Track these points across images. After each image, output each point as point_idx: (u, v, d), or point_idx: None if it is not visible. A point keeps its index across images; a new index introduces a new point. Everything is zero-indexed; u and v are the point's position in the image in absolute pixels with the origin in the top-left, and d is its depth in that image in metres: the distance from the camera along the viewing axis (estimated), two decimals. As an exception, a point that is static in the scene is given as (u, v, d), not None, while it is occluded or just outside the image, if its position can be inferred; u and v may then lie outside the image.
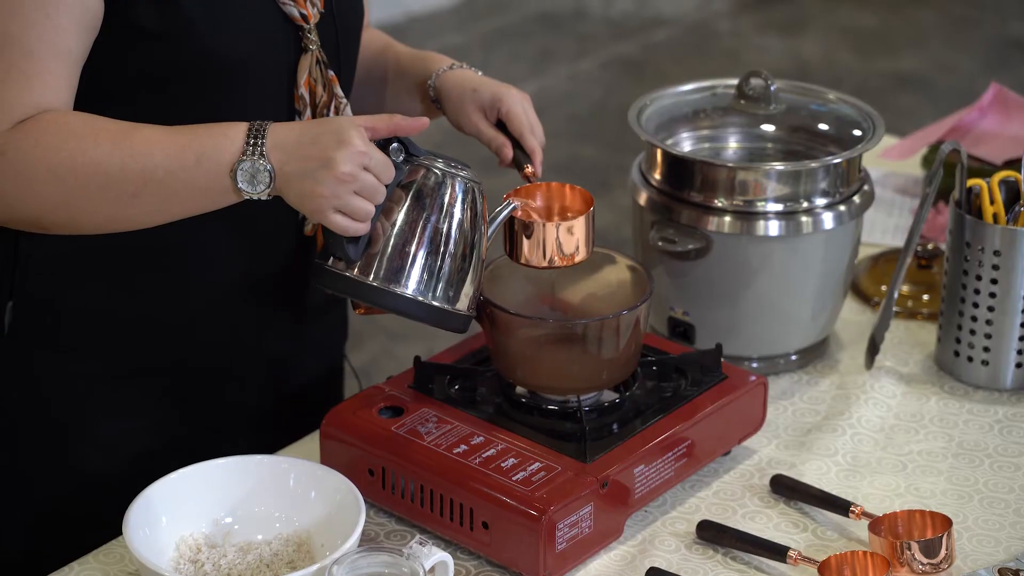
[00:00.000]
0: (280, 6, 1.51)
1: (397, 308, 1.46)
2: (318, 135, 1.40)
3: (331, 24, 1.56)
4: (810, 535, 1.54)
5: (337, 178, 1.38)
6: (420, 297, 1.46)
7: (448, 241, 1.46)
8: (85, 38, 1.42)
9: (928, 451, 1.67)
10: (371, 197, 1.41)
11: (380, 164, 1.41)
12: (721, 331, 1.74)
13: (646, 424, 1.55)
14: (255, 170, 1.39)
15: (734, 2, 5.44)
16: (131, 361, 1.58)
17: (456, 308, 1.48)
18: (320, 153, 1.39)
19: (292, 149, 1.40)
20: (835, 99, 1.85)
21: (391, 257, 1.45)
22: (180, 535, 1.44)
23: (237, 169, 1.39)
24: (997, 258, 1.72)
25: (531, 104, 1.64)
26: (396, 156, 1.44)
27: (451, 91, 1.65)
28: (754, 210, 1.71)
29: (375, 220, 1.44)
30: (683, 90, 1.86)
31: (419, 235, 1.46)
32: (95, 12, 1.42)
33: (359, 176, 1.39)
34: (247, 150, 1.39)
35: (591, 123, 4.57)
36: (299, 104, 1.53)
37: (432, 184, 1.46)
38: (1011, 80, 4.39)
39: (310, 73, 1.53)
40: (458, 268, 1.47)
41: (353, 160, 1.39)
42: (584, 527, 1.46)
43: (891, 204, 2.17)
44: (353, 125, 1.40)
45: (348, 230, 1.41)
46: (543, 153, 1.63)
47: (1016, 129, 2.17)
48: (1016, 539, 1.53)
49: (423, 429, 1.53)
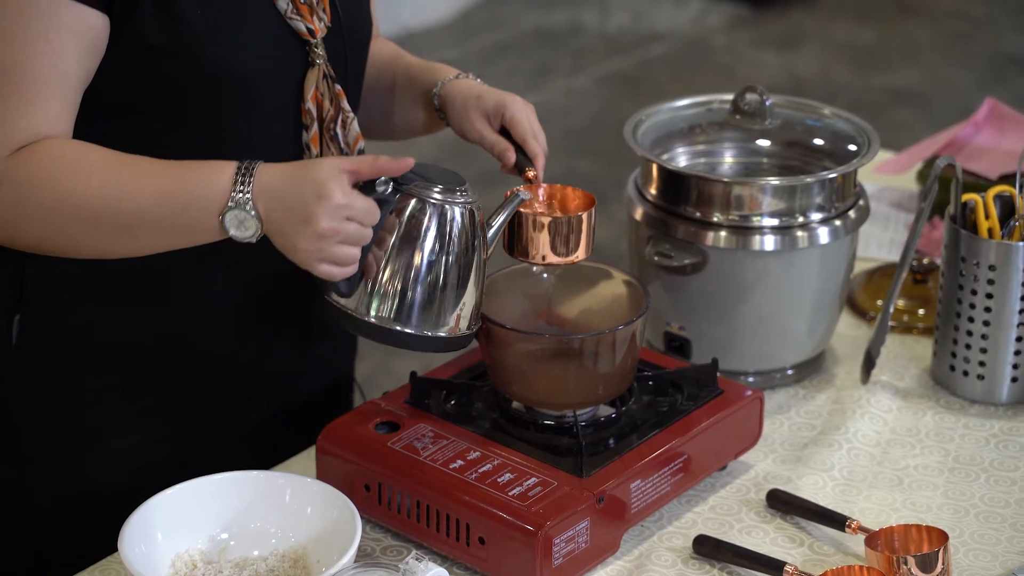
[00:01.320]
0: (287, 21, 1.51)
1: (392, 342, 1.47)
2: (300, 185, 1.39)
3: (339, 38, 1.56)
4: (807, 550, 1.54)
5: (318, 234, 1.39)
6: (414, 330, 1.46)
7: (441, 269, 1.46)
8: (88, 60, 1.42)
9: (924, 465, 1.67)
10: (356, 242, 1.41)
11: (362, 212, 1.40)
12: (717, 346, 1.74)
13: (642, 439, 1.55)
14: (243, 218, 1.40)
15: (729, 17, 5.45)
16: (134, 376, 1.58)
17: (453, 332, 1.49)
18: (301, 207, 1.39)
19: (277, 198, 1.40)
20: (830, 114, 1.85)
21: (384, 292, 1.45)
22: (176, 551, 1.44)
23: (225, 215, 1.40)
24: (992, 272, 1.72)
25: (535, 113, 1.64)
26: (384, 188, 1.43)
27: (455, 98, 1.66)
28: (750, 225, 1.71)
29: (368, 252, 1.44)
30: (679, 105, 1.87)
31: (410, 267, 1.45)
32: (98, 32, 1.42)
33: (341, 229, 1.39)
34: (233, 197, 1.39)
35: (587, 138, 4.57)
36: (306, 118, 1.54)
37: (421, 214, 1.45)
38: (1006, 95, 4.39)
39: (317, 87, 1.53)
40: (453, 294, 1.48)
41: (333, 215, 1.38)
42: (580, 542, 1.46)
43: (886, 219, 2.17)
44: (334, 175, 1.39)
45: (335, 276, 1.42)
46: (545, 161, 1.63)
47: (1011, 144, 2.18)
48: (1012, 553, 1.53)
49: (419, 444, 1.53)
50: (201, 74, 1.46)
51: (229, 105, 1.49)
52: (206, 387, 1.61)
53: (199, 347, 1.59)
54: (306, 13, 1.52)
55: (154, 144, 1.48)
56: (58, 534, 1.61)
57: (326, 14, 1.54)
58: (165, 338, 1.57)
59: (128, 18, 1.43)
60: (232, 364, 1.61)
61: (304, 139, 1.54)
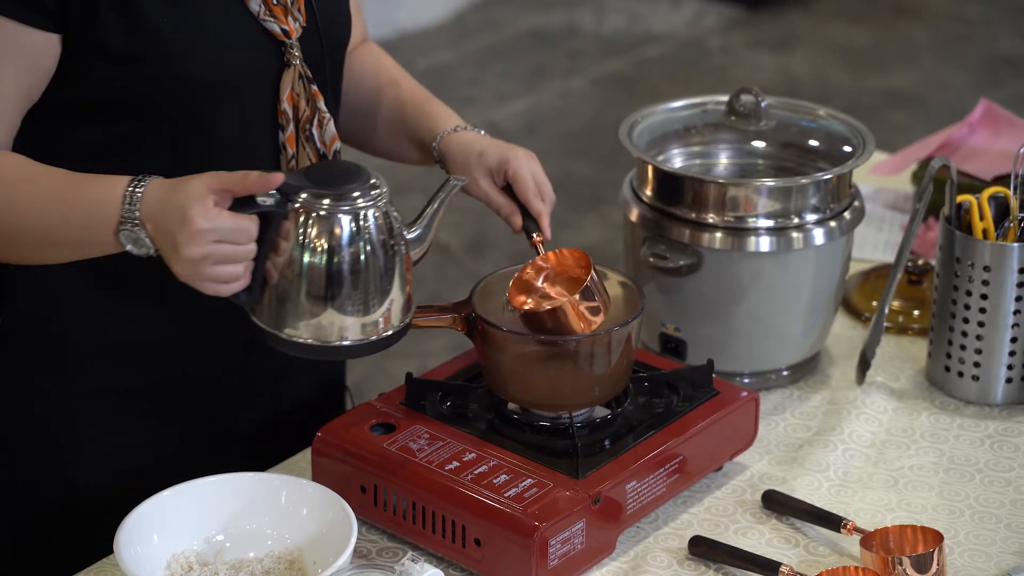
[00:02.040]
0: (260, 22, 1.51)
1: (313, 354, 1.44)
2: (169, 210, 1.37)
3: (315, 38, 1.56)
4: (802, 550, 1.54)
5: (186, 260, 1.37)
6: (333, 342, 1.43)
7: (340, 275, 1.41)
8: (23, 78, 1.43)
9: (919, 466, 1.68)
10: (234, 260, 1.38)
11: (233, 232, 1.37)
12: (712, 347, 1.74)
13: (638, 440, 1.55)
14: (136, 236, 1.40)
15: (725, 19, 5.46)
16: (125, 379, 1.58)
17: (377, 335, 1.45)
18: (170, 233, 1.38)
19: (156, 221, 1.39)
20: (825, 115, 1.85)
21: (286, 302, 1.42)
22: (172, 553, 1.44)
23: (120, 234, 1.40)
24: (987, 273, 1.73)
25: (538, 163, 1.63)
26: (265, 200, 1.39)
27: (456, 155, 1.64)
28: (745, 226, 1.72)
29: (263, 263, 1.41)
30: (674, 107, 1.87)
31: (310, 280, 1.41)
32: (39, 50, 1.42)
33: (210, 252, 1.37)
34: (123, 220, 1.39)
35: (583, 140, 4.57)
36: (282, 119, 1.53)
37: (311, 222, 1.41)
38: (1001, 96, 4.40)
39: (293, 88, 1.53)
40: (364, 298, 1.43)
41: (197, 241, 1.36)
42: (576, 543, 1.46)
43: (881, 220, 2.18)
44: (198, 199, 1.36)
45: (222, 292, 1.40)
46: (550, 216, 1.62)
47: (1005, 145, 2.18)
48: (1007, 554, 1.54)
49: (415, 446, 1.53)
50: (172, 78, 1.46)
51: (204, 107, 1.49)
52: (196, 390, 1.61)
53: (187, 350, 1.59)
54: (280, 14, 1.51)
55: (134, 147, 1.48)
56: (48, 538, 1.61)
57: (301, 14, 1.54)
58: (153, 342, 1.57)
59: (89, 30, 1.43)
60: (222, 366, 1.61)
61: (280, 140, 1.54)
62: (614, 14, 5.48)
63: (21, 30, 1.41)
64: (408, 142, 1.70)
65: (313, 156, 1.56)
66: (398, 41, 5.16)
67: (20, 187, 1.42)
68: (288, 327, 1.43)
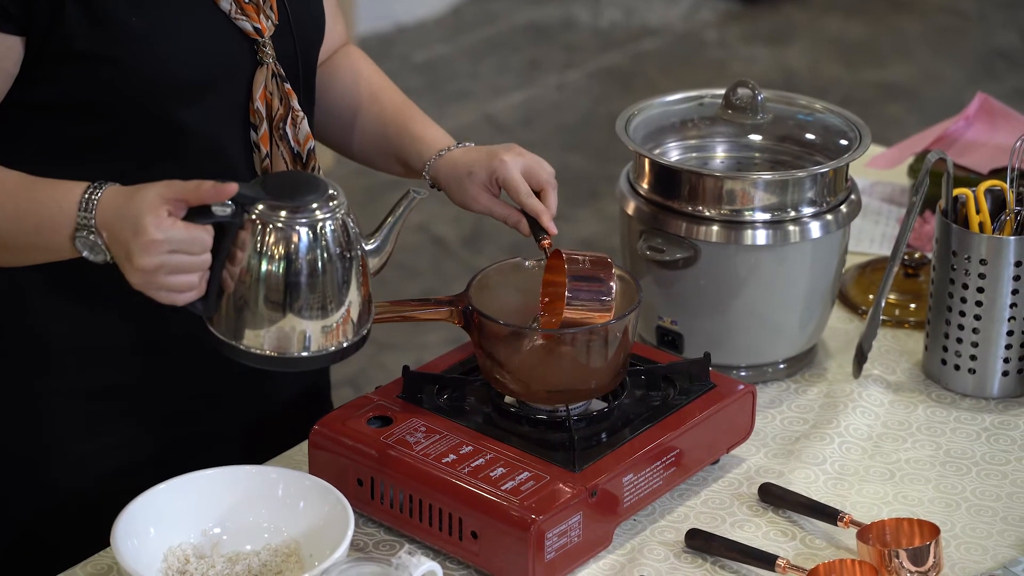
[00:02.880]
0: (232, 21, 1.50)
1: (263, 365, 1.43)
2: (123, 220, 1.37)
3: (288, 37, 1.55)
4: (799, 543, 1.54)
5: (139, 270, 1.36)
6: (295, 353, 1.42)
7: (296, 286, 1.40)
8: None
9: (916, 459, 1.68)
10: (188, 270, 1.37)
11: (186, 242, 1.36)
12: (709, 340, 1.74)
13: (635, 433, 1.55)
14: (92, 243, 1.39)
15: (721, 12, 5.45)
16: (108, 378, 1.57)
17: (336, 345, 1.44)
18: (123, 242, 1.37)
19: (111, 228, 1.38)
20: (822, 109, 1.85)
21: (242, 313, 1.41)
22: (168, 546, 1.44)
23: (75, 240, 1.39)
24: (983, 267, 1.73)
25: (524, 155, 1.61)
26: (221, 210, 1.37)
27: (449, 179, 1.63)
28: (742, 219, 1.72)
29: (219, 273, 1.40)
30: (670, 100, 1.87)
31: (264, 287, 1.40)
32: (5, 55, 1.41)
33: (164, 262, 1.36)
34: (79, 226, 1.38)
35: (579, 133, 4.57)
36: (255, 118, 1.52)
37: (266, 233, 1.40)
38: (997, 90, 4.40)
39: (266, 86, 1.52)
40: (317, 309, 1.42)
41: (149, 252, 1.35)
42: (573, 536, 1.46)
43: (878, 213, 2.18)
44: (151, 209, 1.35)
45: (177, 302, 1.39)
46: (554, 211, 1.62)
47: (1002, 138, 2.18)
48: (1004, 547, 1.54)
49: (412, 439, 1.53)
50: (140, 78, 1.45)
51: (174, 107, 1.47)
52: (181, 388, 1.60)
53: (173, 348, 1.58)
54: (252, 12, 1.50)
55: (109, 144, 1.48)
56: (30, 542, 1.60)
57: (274, 12, 1.53)
58: (131, 342, 1.56)
59: (53, 32, 1.42)
60: (207, 363, 1.60)
61: (253, 138, 1.53)
62: (610, 7, 5.47)
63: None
64: (396, 163, 1.70)
65: (287, 155, 1.55)
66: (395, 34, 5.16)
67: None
68: (244, 338, 1.42)
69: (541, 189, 1.62)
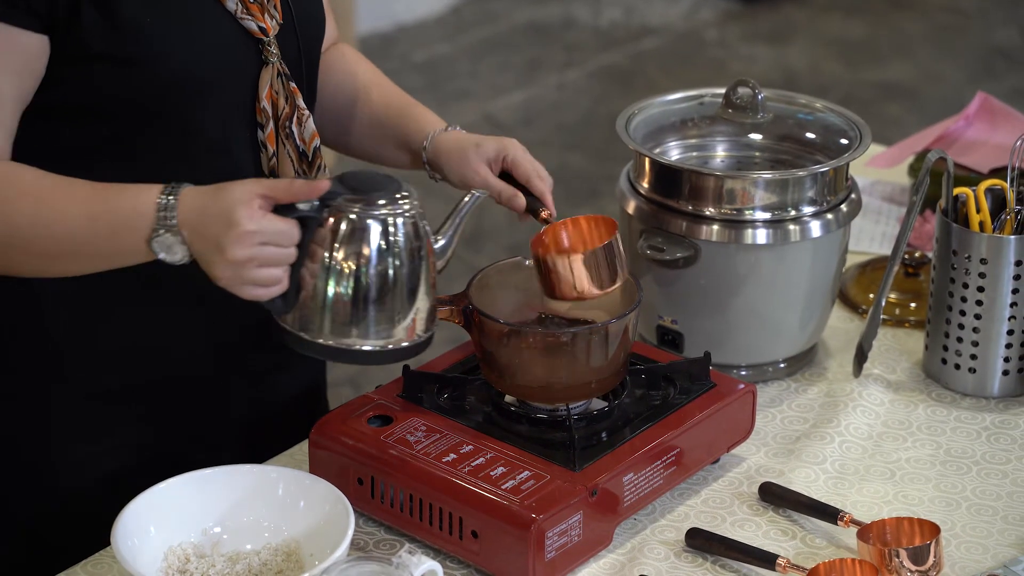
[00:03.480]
0: (238, 20, 1.50)
1: (341, 358, 1.44)
2: (213, 214, 1.38)
3: (292, 35, 1.56)
4: (799, 543, 1.54)
5: (230, 263, 1.37)
6: (360, 346, 1.43)
7: (378, 281, 1.43)
8: (20, 82, 1.42)
9: (916, 458, 1.68)
10: (276, 264, 1.39)
11: (277, 235, 1.38)
12: (710, 339, 1.74)
13: (635, 432, 1.55)
14: (170, 243, 1.39)
15: (721, 12, 5.45)
16: (112, 380, 1.57)
17: (404, 342, 1.45)
18: (213, 236, 1.37)
19: (196, 225, 1.38)
20: (822, 108, 1.85)
21: (319, 308, 1.43)
22: (169, 545, 1.44)
23: (152, 241, 1.39)
24: (983, 266, 1.73)
25: (529, 154, 1.64)
26: (306, 207, 1.40)
27: (452, 150, 1.64)
28: (742, 218, 1.72)
29: (299, 270, 1.41)
30: (671, 99, 1.87)
31: (346, 284, 1.42)
32: (32, 53, 1.42)
33: (255, 255, 1.37)
34: (158, 226, 1.39)
35: (579, 132, 4.57)
36: (261, 117, 1.53)
37: (350, 230, 1.42)
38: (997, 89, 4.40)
39: (271, 86, 1.53)
40: (399, 303, 1.44)
41: (243, 243, 1.36)
42: (573, 535, 1.46)
43: (878, 212, 2.18)
44: (242, 202, 1.37)
45: (262, 297, 1.40)
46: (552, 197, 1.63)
47: (1002, 138, 2.18)
48: (1004, 546, 1.54)
49: (412, 438, 1.53)
50: (154, 79, 1.45)
51: (184, 107, 1.48)
52: (184, 389, 1.60)
53: (176, 349, 1.58)
54: (257, 12, 1.51)
55: (115, 147, 1.48)
56: (32, 542, 1.60)
57: (278, 11, 1.54)
58: (140, 343, 1.56)
59: (71, 32, 1.42)
60: (209, 365, 1.60)
61: (260, 137, 1.54)
62: (610, 7, 5.48)
63: (16, 33, 1.40)
64: (394, 147, 1.70)
65: (293, 153, 1.55)
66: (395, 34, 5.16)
67: (47, 201, 1.41)
68: (318, 332, 1.43)
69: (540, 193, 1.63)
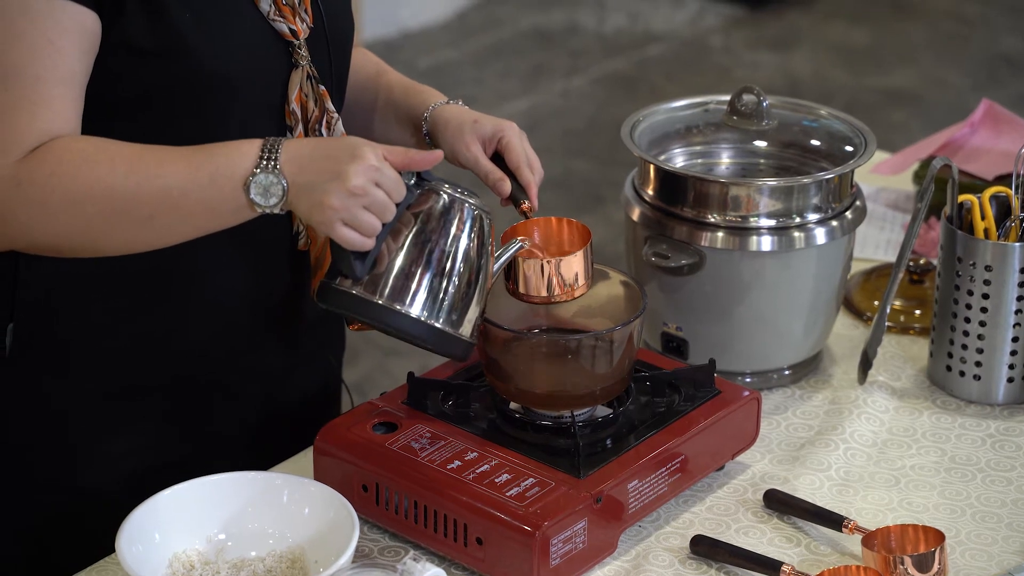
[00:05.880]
0: (270, 22, 1.51)
1: (400, 328, 1.47)
2: (333, 150, 1.42)
3: (321, 39, 1.57)
4: (803, 550, 1.54)
5: (348, 191, 1.40)
6: (424, 318, 1.47)
7: (454, 266, 1.47)
8: (86, 60, 1.43)
9: (921, 465, 1.68)
10: (380, 213, 1.42)
11: (391, 181, 1.42)
12: (714, 346, 1.74)
13: (640, 439, 1.55)
14: (268, 183, 1.41)
15: (726, 18, 5.46)
16: (126, 379, 1.58)
17: (459, 333, 1.49)
18: (333, 166, 1.41)
19: (306, 162, 1.42)
20: (827, 115, 1.85)
21: (397, 277, 1.46)
22: (174, 552, 1.44)
23: (251, 182, 1.41)
24: (988, 273, 1.73)
25: (528, 142, 1.65)
26: (408, 179, 1.45)
27: (449, 121, 1.65)
28: (747, 225, 1.72)
29: (383, 240, 1.45)
30: (675, 106, 1.87)
31: (426, 258, 1.47)
32: (94, 32, 1.43)
33: (370, 191, 1.41)
34: (260, 164, 1.41)
35: (584, 139, 4.57)
36: (290, 120, 1.54)
37: (442, 209, 1.47)
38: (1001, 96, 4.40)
39: (301, 88, 1.54)
40: (463, 293, 1.48)
41: (365, 174, 1.40)
42: (578, 542, 1.46)
43: (883, 219, 2.18)
44: (368, 143, 1.42)
45: (355, 244, 1.42)
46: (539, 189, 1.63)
47: (1007, 145, 2.18)
48: (1009, 553, 1.54)
49: (417, 445, 1.53)
50: (187, 76, 1.46)
51: (214, 106, 1.49)
52: (197, 389, 1.61)
53: (190, 349, 1.59)
54: (288, 14, 1.52)
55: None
56: (55, 539, 1.61)
57: (308, 15, 1.55)
58: (156, 343, 1.57)
59: (116, 20, 1.43)
60: (223, 365, 1.61)
61: None
62: (615, 13, 5.48)
63: (81, 11, 1.41)
64: (398, 124, 1.71)
65: None
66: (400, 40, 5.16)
67: (144, 158, 1.42)
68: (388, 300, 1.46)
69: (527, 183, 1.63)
